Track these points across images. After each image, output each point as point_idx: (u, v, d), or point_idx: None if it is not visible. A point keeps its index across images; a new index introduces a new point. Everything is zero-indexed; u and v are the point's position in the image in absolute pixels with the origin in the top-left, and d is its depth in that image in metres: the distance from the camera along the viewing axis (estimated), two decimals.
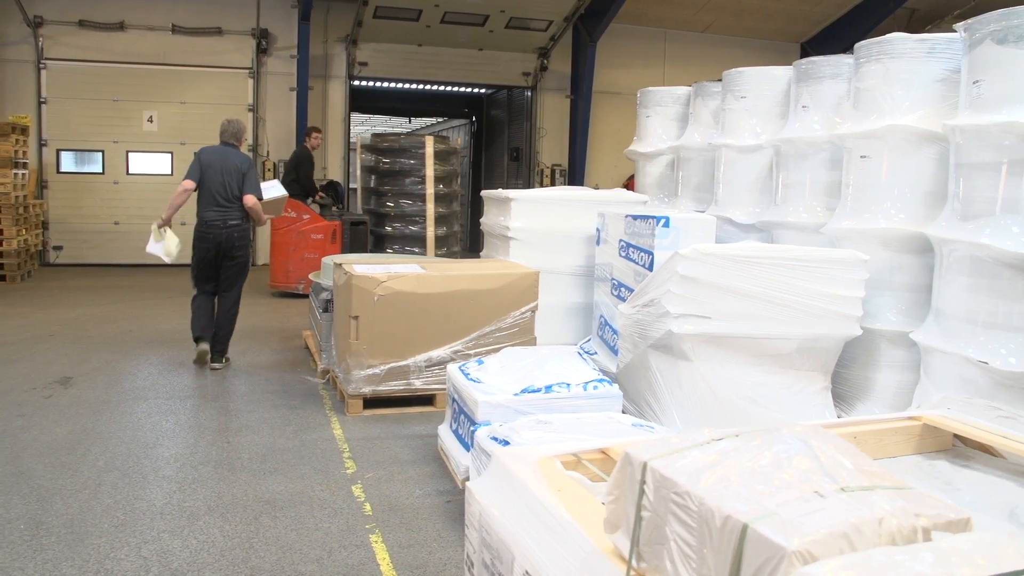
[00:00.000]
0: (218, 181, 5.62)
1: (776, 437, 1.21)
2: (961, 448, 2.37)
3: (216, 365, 5.76)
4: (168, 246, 5.87)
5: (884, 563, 0.91)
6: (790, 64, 5.37)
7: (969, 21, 3.85)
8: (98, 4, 11.07)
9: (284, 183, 8.13)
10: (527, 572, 1.48)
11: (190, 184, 5.66)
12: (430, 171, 10.28)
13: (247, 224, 5.78)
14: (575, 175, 12.90)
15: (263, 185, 6.04)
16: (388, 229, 10.53)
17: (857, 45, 4.60)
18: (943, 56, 4.23)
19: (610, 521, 1.31)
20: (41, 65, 10.98)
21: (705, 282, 3.96)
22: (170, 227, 5.92)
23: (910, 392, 4.29)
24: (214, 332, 5.76)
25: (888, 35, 4.39)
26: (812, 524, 0.98)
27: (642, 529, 1.23)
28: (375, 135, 11.27)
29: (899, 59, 4.31)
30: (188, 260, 5.95)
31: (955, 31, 4.02)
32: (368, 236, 10.07)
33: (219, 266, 5.72)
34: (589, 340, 6.07)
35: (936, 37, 4.28)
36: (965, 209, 3.85)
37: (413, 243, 10.41)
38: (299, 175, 9.43)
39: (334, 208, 11.85)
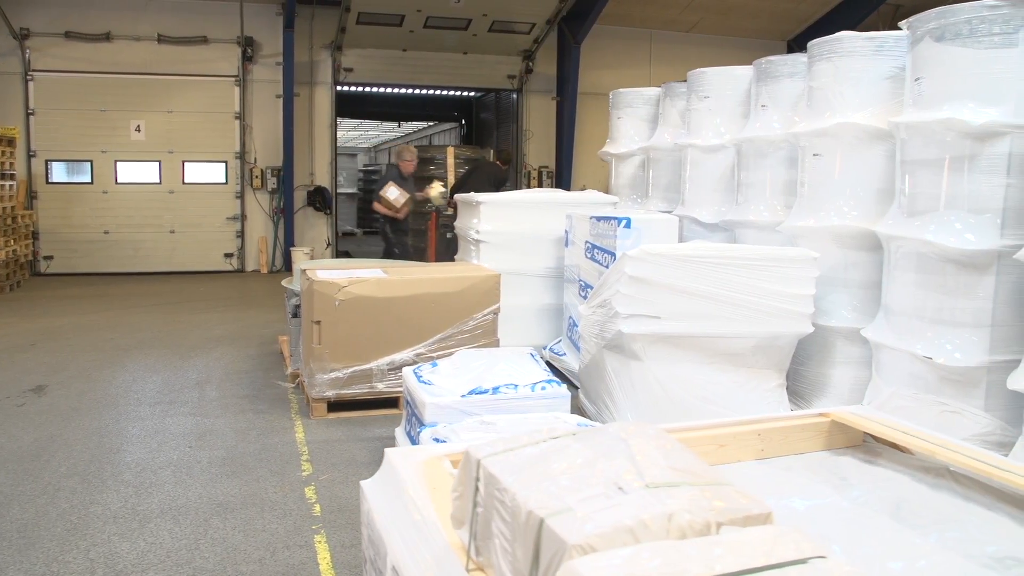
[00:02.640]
0: None
1: (602, 437, 1.25)
2: (872, 444, 2.40)
3: None
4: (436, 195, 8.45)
5: (651, 555, 0.95)
6: None
7: (911, 19, 3.89)
8: (84, 15, 11.17)
9: None
10: (394, 567, 1.53)
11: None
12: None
13: (384, 220, 8.00)
14: (562, 176, 12.94)
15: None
16: None
17: (810, 44, 4.63)
18: (891, 54, 4.27)
19: (456, 517, 1.36)
20: (28, 77, 11.09)
21: (654, 282, 4.00)
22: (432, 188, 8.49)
23: (866, 388, 4.32)
24: None
25: (837, 33, 4.43)
26: (601, 519, 1.03)
27: (478, 524, 1.28)
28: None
29: (848, 57, 4.35)
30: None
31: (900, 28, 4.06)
32: None
33: None
34: (560, 341, 6.13)
35: (884, 35, 4.32)
36: (911, 205, 3.89)
37: None
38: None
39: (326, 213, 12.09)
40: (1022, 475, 1.90)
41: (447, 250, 9.13)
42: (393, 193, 7.80)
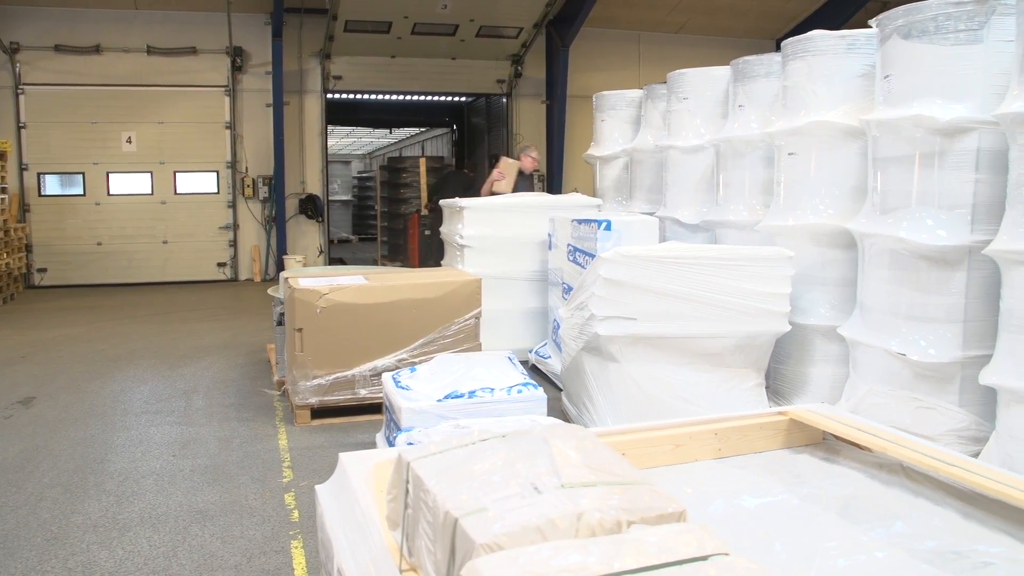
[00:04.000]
0: None
1: (527, 438, 1.27)
2: (833, 443, 2.42)
3: None
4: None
5: (552, 553, 0.97)
6: None
7: (879, 16, 3.92)
8: (74, 28, 11.22)
9: None
10: (339, 568, 1.55)
11: None
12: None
13: None
14: (553, 179, 12.97)
15: None
16: None
17: (784, 43, 4.66)
18: (863, 52, 4.29)
19: (390, 518, 1.38)
20: (19, 91, 11.14)
21: (629, 284, 4.02)
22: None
23: (845, 385, 4.34)
24: None
25: (810, 32, 4.46)
26: (511, 518, 1.05)
27: (409, 525, 1.30)
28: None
29: (821, 56, 4.38)
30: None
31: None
32: None
33: None
34: (545, 344, 6.15)
35: (856, 33, 4.35)
36: (883, 202, 3.91)
37: None
38: None
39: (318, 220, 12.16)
40: (970, 470, 1.92)
41: (430, 252, 9.09)
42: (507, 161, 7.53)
